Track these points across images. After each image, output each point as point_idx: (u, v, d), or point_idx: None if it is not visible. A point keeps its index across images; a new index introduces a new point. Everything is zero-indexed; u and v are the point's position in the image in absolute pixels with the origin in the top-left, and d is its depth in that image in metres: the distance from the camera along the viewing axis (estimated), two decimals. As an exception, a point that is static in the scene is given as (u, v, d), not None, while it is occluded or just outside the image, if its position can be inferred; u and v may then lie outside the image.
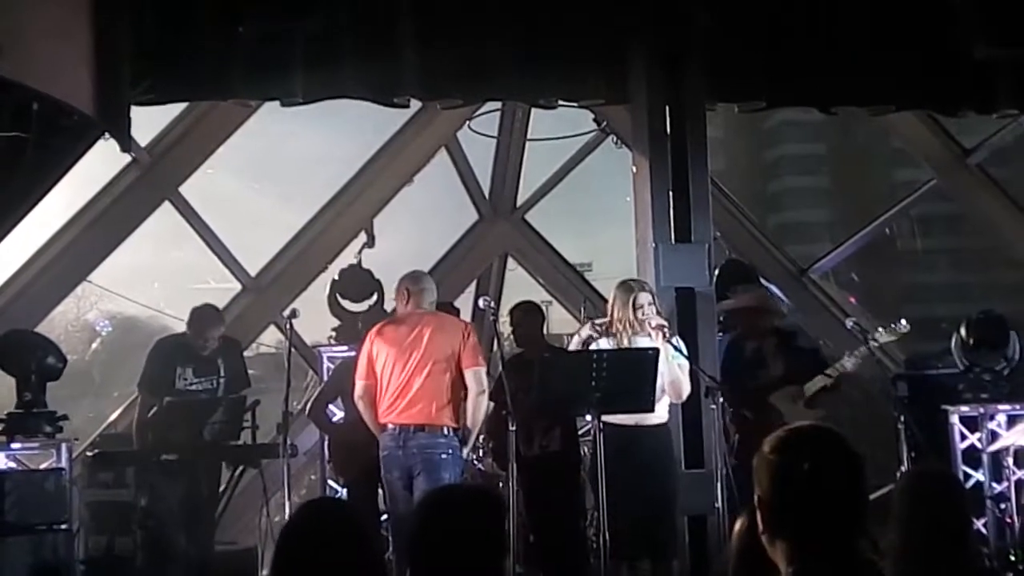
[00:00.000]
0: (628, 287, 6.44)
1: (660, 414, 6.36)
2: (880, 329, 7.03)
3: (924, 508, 3.61)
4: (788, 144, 38.68)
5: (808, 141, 37.88)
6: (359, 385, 6.51)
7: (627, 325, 6.32)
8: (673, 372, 6.28)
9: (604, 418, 6.06)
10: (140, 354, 7.69)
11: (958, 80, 7.78)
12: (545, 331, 7.90)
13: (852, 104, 8.10)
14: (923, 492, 3.70)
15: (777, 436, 2.69)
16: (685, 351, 6.37)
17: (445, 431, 6.35)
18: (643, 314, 6.30)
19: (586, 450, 7.30)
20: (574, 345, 6.62)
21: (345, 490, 7.55)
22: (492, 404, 7.42)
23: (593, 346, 6.44)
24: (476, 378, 6.39)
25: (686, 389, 6.38)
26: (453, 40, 7.12)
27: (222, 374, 7.43)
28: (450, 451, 6.34)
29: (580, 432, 7.40)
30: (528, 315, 7.42)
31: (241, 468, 7.47)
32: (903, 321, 6.98)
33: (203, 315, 7.41)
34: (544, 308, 8.42)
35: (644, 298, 6.37)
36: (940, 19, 7.67)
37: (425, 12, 7.04)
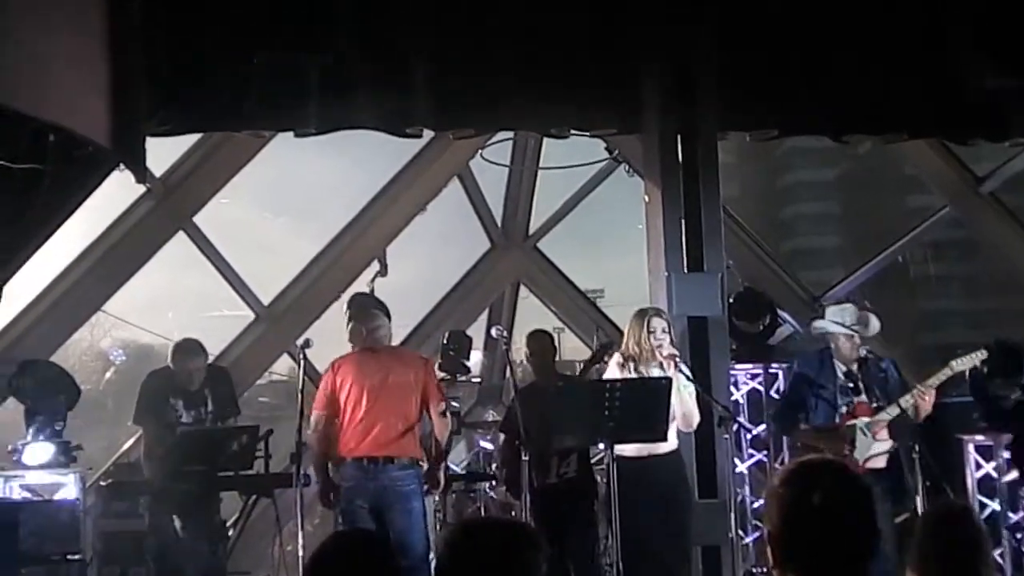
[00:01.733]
0: (642, 313, 6.47)
1: (670, 442, 6.36)
2: (957, 358, 6.72)
3: (941, 549, 3.57)
4: (800, 170, 38.67)
5: (820, 167, 37.87)
6: (316, 415, 6.64)
7: (641, 351, 6.33)
8: (684, 401, 6.28)
9: (615, 450, 6.07)
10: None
11: (969, 108, 7.78)
12: (557, 358, 7.90)
13: (864, 132, 8.11)
14: (940, 532, 3.66)
15: (787, 469, 2.71)
16: (690, 375, 6.36)
17: (410, 462, 6.58)
18: (656, 339, 6.31)
19: (599, 479, 7.29)
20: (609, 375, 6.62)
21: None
22: (503, 434, 7.45)
23: (607, 373, 6.46)
24: (440, 411, 6.66)
25: (696, 417, 6.39)
26: (465, 71, 7.16)
27: (209, 404, 7.45)
28: (417, 480, 6.59)
29: (593, 461, 7.39)
30: (542, 344, 7.44)
31: (254, 497, 7.48)
32: (983, 350, 6.75)
33: (183, 348, 7.42)
34: (556, 336, 8.42)
35: (657, 323, 6.38)
36: (951, 47, 7.69)
37: (437, 44, 7.08)
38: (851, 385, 6.61)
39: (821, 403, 6.65)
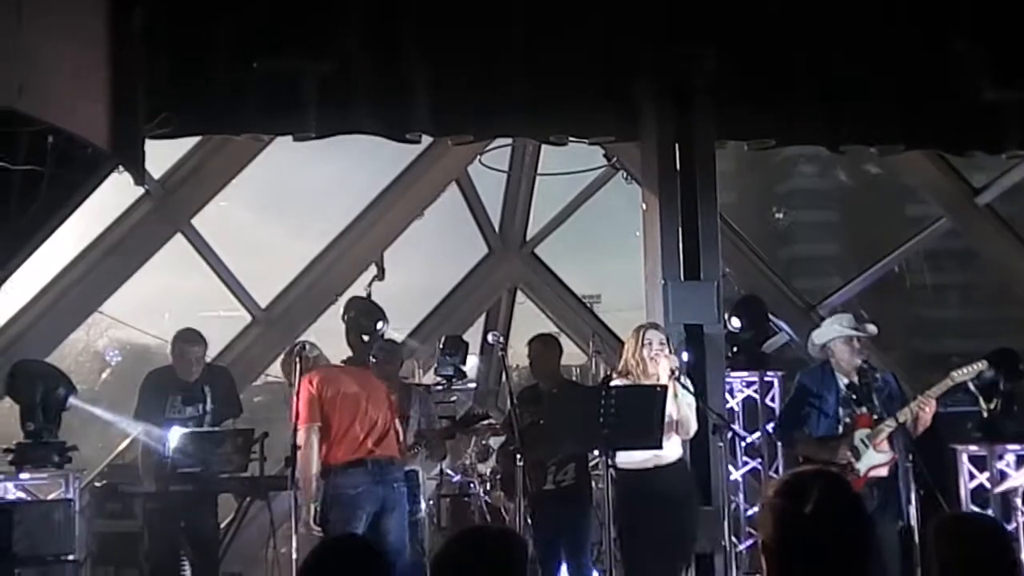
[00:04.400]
0: (638, 328, 6.49)
1: (675, 451, 6.37)
2: (957, 369, 6.69)
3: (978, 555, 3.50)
4: (799, 178, 38.71)
5: (819, 175, 37.92)
6: (309, 428, 6.47)
7: (638, 363, 6.35)
8: (681, 409, 6.30)
9: (622, 462, 6.09)
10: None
11: (967, 120, 7.80)
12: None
13: (861, 143, 8.11)
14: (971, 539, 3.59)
15: (781, 480, 2.73)
16: (692, 388, 6.38)
17: (402, 464, 6.87)
18: (652, 351, 6.33)
19: (596, 485, 7.31)
20: None
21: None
22: (503, 436, 7.47)
23: None
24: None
25: (693, 427, 6.40)
26: (465, 77, 7.18)
27: (208, 402, 7.47)
28: (407, 484, 6.87)
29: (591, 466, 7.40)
30: (546, 348, 7.45)
31: (248, 500, 7.49)
32: (983, 360, 6.78)
33: (183, 335, 7.49)
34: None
35: (653, 335, 6.40)
36: (949, 59, 7.71)
37: (438, 51, 7.11)
38: (853, 396, 6.63)
39: (822, 415, 6.67)
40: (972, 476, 8.11)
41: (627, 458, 6.18)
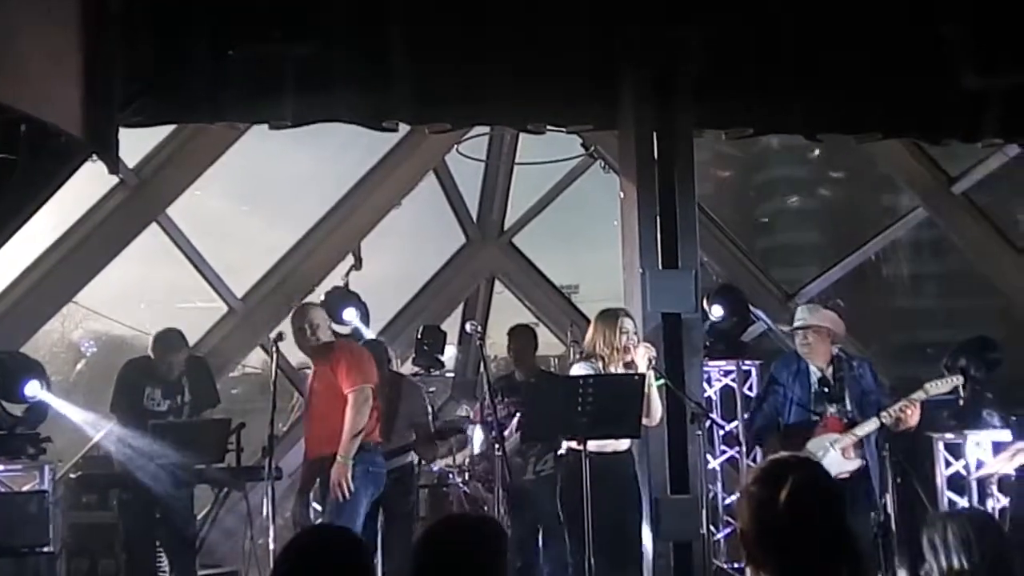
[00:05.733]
0: (613, 313, 6.47)
1: (623, 441, 6.36)
2: (932, 382, 6.65)
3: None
4: (777, 167, 38.75)
5: (797, 164, 37.97)
6: (364, 388, 6.57)
7: (611, 351, 6.34)
8: (651, 398, 6.30)
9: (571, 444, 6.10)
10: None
11: (943, 109, 7.81)
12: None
13: (838, 131, 8.13)
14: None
15: (759, 467, 2.73)
16: (662, 372, 6.38)
17: None
18: (628, 339, 6.33)
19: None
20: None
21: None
22: (480, 427, 7.47)
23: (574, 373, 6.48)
24: None
25: (659, 414, 6.41)
26: (443, 66, 7.14)
27: (186, 394, 7.43)
28: None
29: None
30: (523, 338, 7.46)
31: (225, 491, 7.45)
32: (959, 375, 6.87)
33: (165, 339, 7.40)
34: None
35: (629, 324, 6.41)
36: (926, 48, 7.72)
37: (415, 39, 7.06)
38: (825, 390, 6.63)
39: (793, 404, 6.69)
40: (948, 464, 8.17)
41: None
